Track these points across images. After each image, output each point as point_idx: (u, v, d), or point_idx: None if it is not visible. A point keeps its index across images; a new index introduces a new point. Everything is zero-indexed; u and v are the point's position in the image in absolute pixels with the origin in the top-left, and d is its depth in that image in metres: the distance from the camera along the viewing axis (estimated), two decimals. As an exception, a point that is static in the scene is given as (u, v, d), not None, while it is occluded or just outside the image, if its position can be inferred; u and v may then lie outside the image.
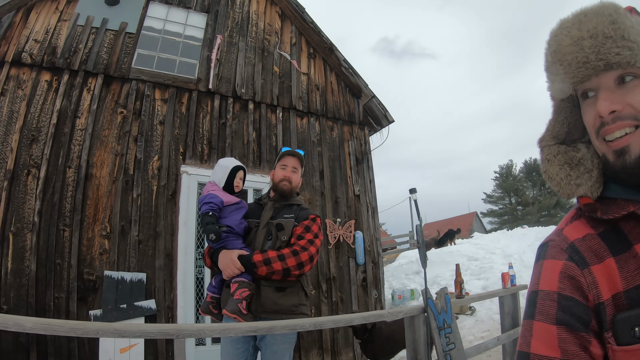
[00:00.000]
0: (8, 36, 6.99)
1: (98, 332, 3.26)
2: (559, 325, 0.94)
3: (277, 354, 3.39)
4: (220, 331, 3.18)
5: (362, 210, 8.53)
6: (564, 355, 0.92)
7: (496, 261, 12.49)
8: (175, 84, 7.62)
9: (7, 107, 6.67)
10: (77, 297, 6.19)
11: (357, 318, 4.58)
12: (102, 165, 6.81)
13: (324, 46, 8.95)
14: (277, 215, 3.62)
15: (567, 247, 1.02)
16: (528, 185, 59.88)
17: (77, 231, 6.41)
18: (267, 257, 3.29)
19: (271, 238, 3.51)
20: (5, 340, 5.82)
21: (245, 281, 3.29)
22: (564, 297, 0.97)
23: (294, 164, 3.78)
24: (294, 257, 3.32)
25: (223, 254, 3.39)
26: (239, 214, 3.62)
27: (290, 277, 3.35)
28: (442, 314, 4.81)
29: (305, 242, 3.45)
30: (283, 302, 3.39)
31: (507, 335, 5.98)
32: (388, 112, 9.10)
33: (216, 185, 3.70)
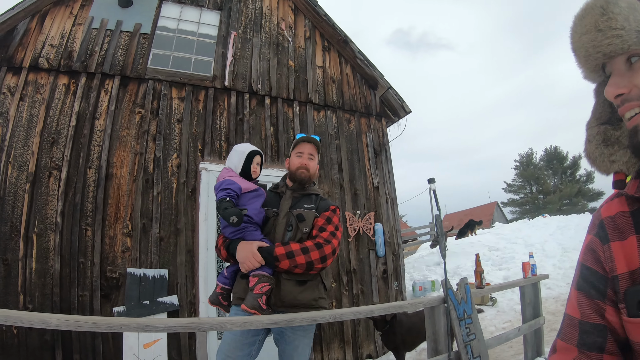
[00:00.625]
0: (24, 42, 7.10)
1: (122, 327, 3.29)
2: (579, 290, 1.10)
3: (298, 349, 3.33)
4: (242, 324, 3.13)
5: (381, 202, 8.49)
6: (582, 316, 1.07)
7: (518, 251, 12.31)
8: (192, 82, 7.66)
9: (26, 112, 6.77)
10: (101, 294, 6.29)
11: (376, 309, 4.56)
12: (122, 165, 6.87)
13: (338, 38, 8.92)
14: (296, 205, 3.49)
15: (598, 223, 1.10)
16: (549, 174, 59.04)
17: (99, 230, 6.50)
18: (290, 250, 3.17)
19: (291, 229, 3.38)
20: (31, 338, 5.94)
21: (265, 275, 3.16)
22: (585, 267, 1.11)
23: (310, 150, 3.64)
24: (317, 250, 3.21)
25: (242, 246, 3.23)
26: (257, 202, 3.45)
27: (313, 270, 3.24)
28: (462, 305, 4.77)
29: (328, 234, 3.34)
30: (303, 296, 3.29)
31: (528, 326, 5.89)
32: (405, 102, 9.04)
33: (232, 171, 3.54)
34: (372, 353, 7.68)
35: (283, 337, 3.35)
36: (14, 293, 6.07)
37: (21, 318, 2.97)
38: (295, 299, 3.26)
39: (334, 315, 3.97)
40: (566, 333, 1.10)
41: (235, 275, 3.46)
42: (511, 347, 6.86)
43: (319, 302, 3.38)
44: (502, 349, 6.77)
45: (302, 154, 3.62)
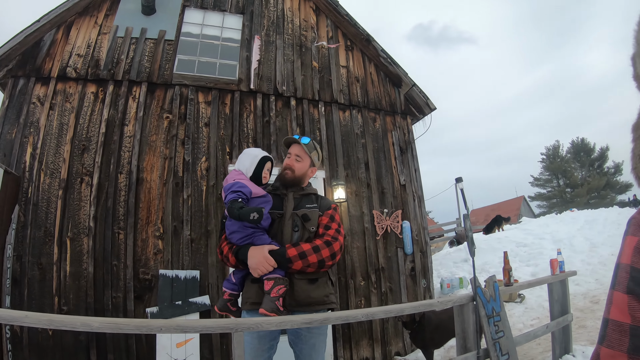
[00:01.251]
0: (52, 53, 7.26)
1: (162, 329, 3.34)
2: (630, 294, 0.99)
3: (315, 347, 3.35)
4: (277, 324, 3.14)
5: (408, 199, 8.46)
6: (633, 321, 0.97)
7: (545, 247, 12.13)
8: (218, 86, 7.73)
9: (56, 120, 6.93)
10: (134, 295, 6.43)
11: (407, 308, 4.57)
12: (152, 169, 6.96)
13: (360, 37, 8.92)
14: (298, 206, 3.47)
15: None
16: (576, 166, 57.81)
17: (132, 233, 6.63)
18: (302, 250, 3.18)
19: (298, 229, 3.38)
20: (66, 339, 6.11)
21: (280, 277, 3.15)
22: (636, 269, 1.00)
23: (296, 151, 3.59)
24: (327, 247, 3.23)
25: (253, 251, 3.20)
26: (266, 208, 3.39)
27: (324, 268, 3.26)
28: (490, 302, 4.75)
29: (334, 231, 3.35)
30: (315, 294, 3.29)
31: (556, 323, 5.81)
32: (429, 99, 8.99)
33: (242, 174, 3.48)
34: (400, 350, 7.67)
35: (299, 338, 3.36)
36: (49, 296, 6.23)
37: (64, 322, 3.01)
38: (309, 297, 3.27)
39: (366, 314, 3.98)
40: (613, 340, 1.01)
41: (243, 280, 3.44)
42: (539, 345, 6.79)
43: (329, 297, 3.39)
44: (530, 347, 6.72)
45: (290, 155, 3.61)
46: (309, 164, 3.61)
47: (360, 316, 4.00)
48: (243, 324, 3.13)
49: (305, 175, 3.60)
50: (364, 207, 7.99)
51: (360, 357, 7.37)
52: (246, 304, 3.33)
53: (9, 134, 6.83)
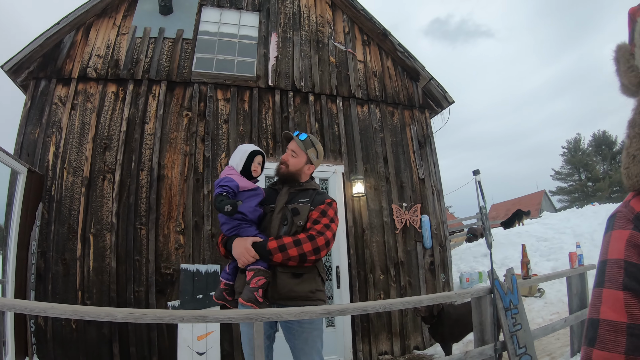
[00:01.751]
0: (72, 54, 7.38)
1: (183, 319, 3.41)
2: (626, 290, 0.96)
3: (308, 341, 3.33)
4: (296, 314, 3.18)
5: (427, 193, 8.44)
6: (630, 319, 0.94)
7: (566, 241, 11.95)
8: (236, 83, 7.79)
9: (78, 120, 7.04)
10: (156, 289, 6.54)
11: (425, 299, 4.57)
12: (172, 166, 7.04)
13: (377, 32, 8.92)
14: (292, 200, 3.49)
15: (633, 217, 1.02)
16: (598, 160, 57.16)
17: (153, 229, 6.73)
18: (282, 243, 3.18)
19: (287, 223, 3.38)
20: (89, 332, 6.25)
21: (261, 269, 3.20)
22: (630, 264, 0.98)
23: (292, 147, 3.62)
24: (310, 242, 3.20)
25: (237, 242, 3.28)
26: (254, 201, 3.48)
27: (307, 262, 3.23)
28: (508, 295, 4.74)
29: (322, 226, 3.31)
30: (300, 289, 3.29)
31: (574, 317, 5.74)
32: (447, 93, 8.95)
33: (234, 169, 3.56)
34: (419, 345, 7.69)
35: (290, 332, 3.37)
36: (73, 290, 6.37)
37: (88, 312, 3.07)
38: (292, 291, 3.27)
39: (383, 305, 4.00)
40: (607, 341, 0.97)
41: (236, 271, 3.50)
42: (558, 339, 6.72)
43: (316, 294, 3.36)
44: (549, 341, 6.65)
45: (287, 150, 3.64)
46: (304, 160, 3.62)
47: (378, 307, 4.02)
48: (263, 314, 3.15)
49: (300, 171, 3.62)
50: (383, 201, 7.99)
51: (379, 351, 7.40)
52: (236, 294, 3.38)
53: (32, 134, 6.96)
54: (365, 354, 7.29)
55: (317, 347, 3.36)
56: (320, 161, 3.74)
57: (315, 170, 3.75)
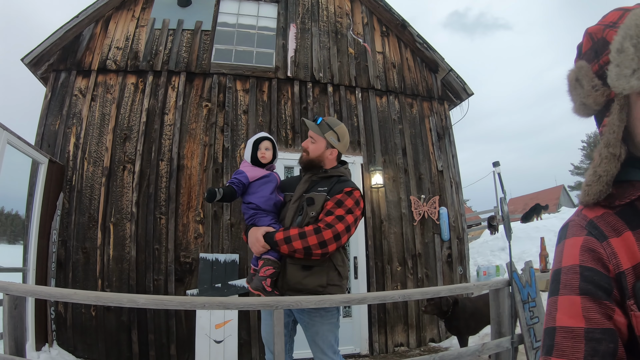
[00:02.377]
0: (91, 47, 7.44)
1: (205, 305, 3.41)
2: (583, 295, 0.97)
3: (319, 334, 3.26)
4: (316, 302, 3.18)
5: (445, 186, 8.39)
6: (588, 323, 0.94)
7: (584, 236, 11.86)
8: (255, 74, 7.79)
9: (98, 111, 7.10)
10: (175, 278, 6.61)
11: (443, 290, 4.54)
12: (192, 156, 7.07)
13: (396, 23, 8.85)
14: (311, 189, 3.37)
15: (586, 224, 1.04)
16: None
17: (173, 218, 6.78)
18: (288, 235, 3.10)
19: (302, 213, 3.29)
20: (109, 319, 6.34)
21: (270, 259, 3.19)
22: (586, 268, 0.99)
23: (310, 133, 3.50)
24: (315, 235, 3.05)
25: (251, 232, 3.29)
26: (267, 189, 3.43)
27: (313, 256, 3.08)
28: (526, 288, 4.72)
29: (333, 218, 3.13)
30: (308, 282, 3.20)
31: None
32: (467, 84, 8.87)
33: (246, 162, 3.57)
34: (435, 337, 7.68)
35: (303, 323, 3.36)
36: (93, 278, 6.46)
37: (111, 298, 3.10)
38: (300, 283, 3.20)
39: (402, 294, 4.00)
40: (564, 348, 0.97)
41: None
42: None
43: (327, 289, 3.24)
44: None
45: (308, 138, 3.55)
46: (324, 145, 3.46)
47: (397, 297, 4.04)
48: (283, 301, 3.16)
49: (322, 157, 3.46)
50: (402, 193, 7.96)
51: (395, 343, 7.40)
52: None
53: (52, 125, 7.03)
54: (381, 345, 7.29)
55: (329, 341, 3.26)
56: (345, 144, 3.54)
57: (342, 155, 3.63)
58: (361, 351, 7.18)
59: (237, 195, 3.38)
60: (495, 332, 4.62)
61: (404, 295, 3.98)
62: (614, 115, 1.02)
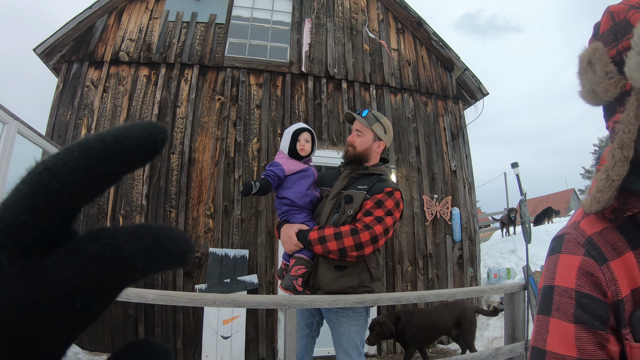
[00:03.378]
0: (104, 38, 7.42)
1: (215, 302, 3.35)
2: (577, 324, 0.91)
3: (345, 335, 3.15)
4: (329, 302, 3.09)
5: (458, 186, 8.30)
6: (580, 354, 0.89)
7: (595, 241, 11.73)
8: (269, 68, 7.73)
9: (110, 103, 7.05)
10: (183, 272, 6.54)
11: (459, 292, 4.52)
12: (204, 150, 7.02)
13: (411, 20, 8.75)
14: (351, 186, 3.21)
15: (585, 241, 0.96)
16: None
17: (183, 212, 6.75)
18: (323, 235, 2.96)
19: (338, 211, 3.14)
20: (115, 313, 6.31)
21: (303, 258, 3.07)
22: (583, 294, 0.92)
23: (356, 126, 3.28)
24: (352, 236, 2.92)
25: (284, 229, 3.15)
26: (304, 184, 3.27)
27: (348, 257, 2.97)
28: None
29: (372, 219, 2.99)
30: (340, 283, 3.09)
31: None
32: (482, 84, 8.77)
33: (282, 153, 3.36)
34: (443, 339, 7.53)
35: (330, 322, 3.26)
36: None
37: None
38: (331, 284, 3.09)
39: (418, 296, 3.94)
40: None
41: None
42: None
43: (357, 290, 3.15)
44: None
45: (352, 132, 3.33)
46: (371, 138, 3.27)
47: (412, 298, 3.98)
48: (296, 300, 3.09)
49: (369, 150, 3.27)
50: (414, 192, 7.87)
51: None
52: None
53: (63, 116, 7.02)
54: (389, 346, 7.23)
55: (355, 343, 3.16)
56: (390, 136, 3.38)
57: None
58: (369, 351, 7.09)
59: (271, 188, 3.20)
60: (509, 336, 4.54)
61: (419, 297, 3.91)
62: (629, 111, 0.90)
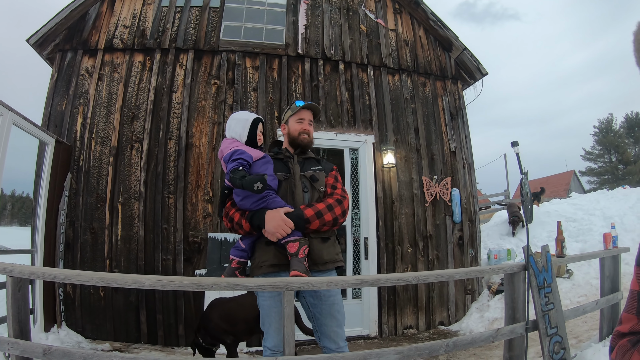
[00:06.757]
0: (97, 26, 7.37)
1: (212, 286, 3.30)
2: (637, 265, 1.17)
3: (335, 305, 3.31)
4: (328, 284, 3.14)
5: (458, 167, 8.27)
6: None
7: (595, 223, 11.58)
8: (265, 51, 7.65)
9: (105, 90, 7.03)
10: (183, 258, 6.57)
11: (459, 273, 4.44)
12: (201, 135, 6.99)
13: (409, 0, 8.65)
14: (303, 169, 3.48)
15: None
16: (630, 142, 55.31)
17: (182, 197, 6.73)
18: (318, 210, 3.20)
19: (307, 190, 3.41)
20: (117, 300, 6.34)
21: (304, 238, 3.13)
22: None
23: (310, 117, 3.62)
24: (339, 205, 3.30)
25: (270, 215, 3.13)
26: (270, 168, 3.34)
27: (337, 225, 3.33)
28: (542, 273, 4.57)
29: (341, 190, 3.43)
30: (329, 252, 3.32)
31: (605, 300, 5.48)
32: (481, 64, 8.69)
33: (237, 141, 3.39)
34: (444, 320, 7.65)
35: (319, 298, 3.31)
36: (101, 259, 6.44)
37: (115, 279, 3.03)
38: (324, 255, 3.29)
39: (417, 277, 3.91)
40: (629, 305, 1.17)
41: (254, 245, 3.35)
42: (585, 322, 6.55)
43: (339, 256, 3.42)
44: (575, 324, 6.46)
45: (303, 120, 3.57)
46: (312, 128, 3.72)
47: (412, 279, 3.97)
48: (294, 282, 3.04)
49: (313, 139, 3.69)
50: (413, 173, 7.85)
51: (404, 325, 7.38)
52: (262, 268, 3.24)
53: (59, 105, 6.99)
54: (390, 327, 7.25)
55: (342, 311, 3.36)
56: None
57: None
58: (370, 333, 7.14)
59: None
60: (509, 317, 4.51)
61: (418, 278, 3.88)
62: None
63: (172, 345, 6.38)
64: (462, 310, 7.79)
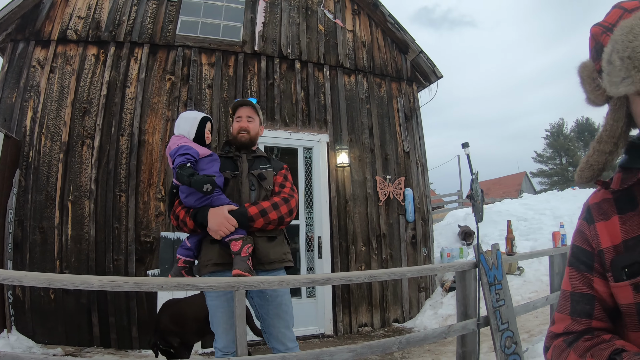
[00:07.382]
0: (51, 16, 7.16)
1: (162, 287, 3.30)
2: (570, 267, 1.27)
3: (282, 306, 3.32)
4: (279, 283, 3.14)
5: (411, 167, 8.42)
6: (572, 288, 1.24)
7: (545, 222, 11.96)
8: (221, 47, 7.60)
9: (57, 83, 6.87)
10: (135, 258, 6.47)
11: (410, 271, 4.56)
12: (154, 131, 6.90)
13: (368, 2, 8.69)
14: (252, 167, 3.49)
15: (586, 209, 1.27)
16: (580, 146, 56.88)
17: (133, 196, 6.61)
18: (262, 207, 3.20)
19: (254, 188, 3.39)
20: (68, 302, 6.17)
21: (248, 237, 3.11)
22: (575, 246, 1.27)
23: (247, 113, 3.60)
24: (285, 204, 3.29)
25: (213, 212, 3.12)
26: (215, 166, 3.37)
27: (283, 225, 3.32)
28: (493, 270, 4.70)
29: (289, 189, 3.44)
30: (276, 251, 3.32)
31: (555, 295, 5.65)
32: (436, 67, 8.84)
33: (185, 138, 3.41)
34: (399, 317, 7.78)
35: (264, 298, 3.31)
36: (51, 260, 6.26)
37: (63, 280, 2.97)
38: (270, 254, 3.28)
39: (368, 275, 3.97)
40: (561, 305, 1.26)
41: (199, 244, 3.36)
42: (536, 317, 6.78)
43: (287, 256, 3.41)
44: (527, 318, 6.66)
45: (241, 118, 3.59)
46: (258, 123, 3.67)
47: (363, 277, 4.00)
48: (245, 282, 3.04)
49: (257, 135, 3.64)
50: (367, 173, 7.95)
51: (359, 323, 7.46)
52: (207, 267, 3.23)
53: (8, 98, 6.78)
54: (345, 325, 7.31)
55: (290, 311, 3.36)
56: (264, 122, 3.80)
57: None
58: (325, 331, 7.17)
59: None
60: (461, 313, 4.61)
61: (370, 276, 3.95)
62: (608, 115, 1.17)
63: (126, 348, 6.28)
64: (416, 307, 7.95)
